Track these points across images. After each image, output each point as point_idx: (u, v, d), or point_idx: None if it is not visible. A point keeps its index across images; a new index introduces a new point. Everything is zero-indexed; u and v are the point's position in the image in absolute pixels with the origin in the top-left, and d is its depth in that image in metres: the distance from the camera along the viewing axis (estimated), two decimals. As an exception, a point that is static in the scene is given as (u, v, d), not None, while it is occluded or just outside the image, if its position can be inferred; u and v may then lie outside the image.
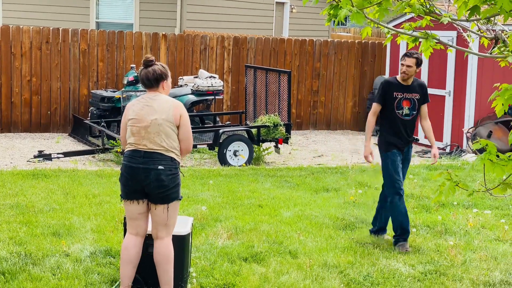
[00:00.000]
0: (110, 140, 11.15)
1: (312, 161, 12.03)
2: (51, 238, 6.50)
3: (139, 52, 13.84)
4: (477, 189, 4.37)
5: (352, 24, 34.06)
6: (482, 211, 8.13)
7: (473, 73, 12.67)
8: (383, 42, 7.68)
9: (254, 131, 11.42)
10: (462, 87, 12.87)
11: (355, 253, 6.48)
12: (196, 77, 13.19)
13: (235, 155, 11.09)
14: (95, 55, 13.61)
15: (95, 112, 12.77)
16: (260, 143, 11.49)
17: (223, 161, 11.02)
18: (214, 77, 13.00)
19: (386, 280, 5.86)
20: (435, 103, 12.85)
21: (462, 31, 5.92)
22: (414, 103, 6.80)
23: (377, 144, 6.88)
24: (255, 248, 6.41)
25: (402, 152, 6.80)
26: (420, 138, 11.84)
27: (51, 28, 13.34)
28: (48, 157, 10.83)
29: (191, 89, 12.88)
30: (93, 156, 11.32)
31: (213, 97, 12.98)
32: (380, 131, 6.90)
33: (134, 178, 5.04)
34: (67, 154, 11.04)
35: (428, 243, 6.88)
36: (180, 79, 13.43)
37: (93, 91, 13.19)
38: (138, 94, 12.11)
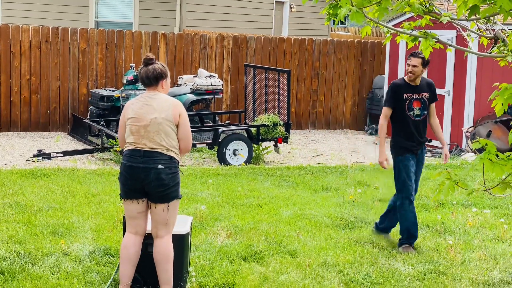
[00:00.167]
0: (110, 139, 11.15)
1: (312, 160, 12.03)
2: (51, 237, 6.50)
3: (138, 51, 13.84)
4: (476, 188, 4.37)
5: (351, 23, 34.04)
6: (482, 210, 8.13)
7: (472, 72, 12.66)
8: (383, 41, 7.68)
9: (253, 130, 11.41)
10: (462, 87, 12.87)
11: (354, 252, 6.48)
12: (195, 76, 13.19)
13: (235, 154, 11.09)
14: (94, 54, 13.60)
15: (94, 111, 12.77)
16: (260, 142, 11.48)
17: (222, 160, 11.02)
18: (214, 76, 12.99)
19: (385, 279, 5.86)
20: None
21: (461, 31, 5.91)
22: (425, 102, 6.74)
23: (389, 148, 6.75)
24: (255, 247, 6.41)
25: (416, 155, 6.70)
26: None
27: (51, 27, 13.34)
28: (47, 156, 10.83)
29: (191, 88, 12.88)
30: (92, 155, 11.32)
31: (212, 96, 12.98)
32: (392, 135, 6.79)
33: (134, 177, 5.03)
34: (66, 153, 11.03)
35: (428, 243, 6.88)
36: (180, 78, 13.42)
37: (92, 90, 13.18)
38: (138, 93, 12.11)
